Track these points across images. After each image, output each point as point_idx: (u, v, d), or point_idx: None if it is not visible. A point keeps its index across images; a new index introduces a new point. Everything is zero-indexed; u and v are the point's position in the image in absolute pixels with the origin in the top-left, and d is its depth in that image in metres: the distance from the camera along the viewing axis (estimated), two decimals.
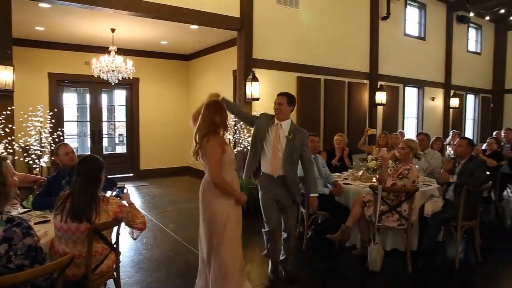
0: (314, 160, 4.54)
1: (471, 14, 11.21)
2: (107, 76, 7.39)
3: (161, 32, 7.82)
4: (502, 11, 11.14)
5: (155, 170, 10.09)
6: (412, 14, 10.87)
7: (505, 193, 7.37)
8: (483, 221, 5.65)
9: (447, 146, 7.54)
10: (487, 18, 12.08)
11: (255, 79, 6.87)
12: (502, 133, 7.75)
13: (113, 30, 7.37)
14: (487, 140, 6.95)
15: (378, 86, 9.36)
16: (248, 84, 6.87)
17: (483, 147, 7.11)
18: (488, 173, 4.62)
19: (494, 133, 8.31)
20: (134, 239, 2.96)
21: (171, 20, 6.47)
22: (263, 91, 7.16)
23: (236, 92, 7.43)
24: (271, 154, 3.57)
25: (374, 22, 9.37)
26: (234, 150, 6.77)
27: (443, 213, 4.30)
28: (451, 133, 8.68)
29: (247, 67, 7.00)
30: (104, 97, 9.82)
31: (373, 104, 9.38)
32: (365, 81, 9.29)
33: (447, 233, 4.67)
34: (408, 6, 10.55)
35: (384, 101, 9.41)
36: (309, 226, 4.81)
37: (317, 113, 8.25)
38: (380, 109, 9.62)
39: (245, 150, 6.65)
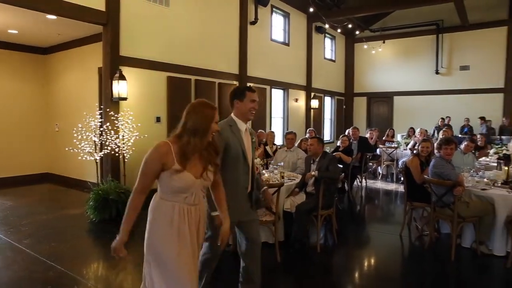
0: None
1: (327, 26, 12.59)
2: None
3: (8, 19, 6.79)
4: (350, 26, 12.95)
5: (4, 179, 8.74)
6: (278, 21, 11.66)
7: (355, 183, 8.40)
8: (339, 209, 6.44)
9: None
10: (339, 30, 13.70)
11: (122, 77, 6.51)
12: (350, 132, 8.75)
13: None
14: (340, 138, 7.84)
15: None
16: (115, 82, 6.48)
17: (338, 144, 7.98)
18: (341, 166, 5.25)
19: (347, 131, 9.39)
20: None
21: (17, 5, 5.58)
22: (131, 90, 6.84)
23: (102, 91, 6.93)
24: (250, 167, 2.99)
25: (243, 26, 9.75)
26: (101, 153, 6.35)
27: (306, 204, 4.76)
28: (308, 131, 9.50)
29: (114, 65, 6.59)
30: None
31: None
32: (235, 82, 9.59)
33: (310, 222, 5.15)
34: (274, 13, 11.28)
35: None
36: None
37: None
38: None
39: (113, 152, 6.28)
